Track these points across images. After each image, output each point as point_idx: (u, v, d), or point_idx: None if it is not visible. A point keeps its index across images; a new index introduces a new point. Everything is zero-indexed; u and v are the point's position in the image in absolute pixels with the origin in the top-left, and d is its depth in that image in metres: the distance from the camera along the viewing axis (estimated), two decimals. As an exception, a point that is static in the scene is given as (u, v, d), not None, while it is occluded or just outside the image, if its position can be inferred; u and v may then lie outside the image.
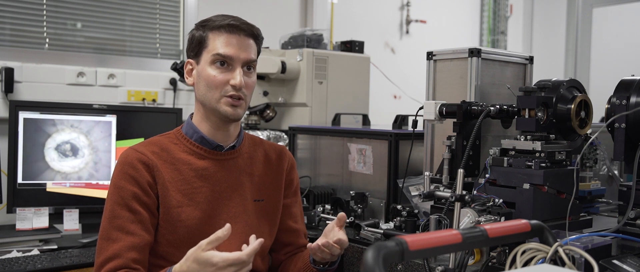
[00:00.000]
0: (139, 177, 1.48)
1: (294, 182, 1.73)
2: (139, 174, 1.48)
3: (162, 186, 1.49)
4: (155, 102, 2.86)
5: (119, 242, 1.44)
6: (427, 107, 1.66)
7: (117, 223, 1.46)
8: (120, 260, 1.43)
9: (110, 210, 1.47)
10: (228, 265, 1.27)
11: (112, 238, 1.45)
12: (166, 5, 3.09)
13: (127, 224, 1.46)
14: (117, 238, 1.45)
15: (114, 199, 1.48)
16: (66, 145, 2.33)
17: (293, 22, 3.57)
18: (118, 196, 1.48)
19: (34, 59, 2.66)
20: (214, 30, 1.51)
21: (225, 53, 1.49)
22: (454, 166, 1.59)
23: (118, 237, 1.45)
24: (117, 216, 1.46)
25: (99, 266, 1.45)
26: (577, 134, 1.58)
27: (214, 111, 1.52)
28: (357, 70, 2.90)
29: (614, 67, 4.56)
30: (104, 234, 1.47)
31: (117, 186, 1.49)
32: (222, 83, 1.49)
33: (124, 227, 1.45)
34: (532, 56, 1.90)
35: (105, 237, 1.46)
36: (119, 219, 1.46)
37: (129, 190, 1.47)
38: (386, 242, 0.83)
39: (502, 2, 5.01)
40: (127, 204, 1.46)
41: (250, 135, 1.71)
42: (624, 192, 1.53)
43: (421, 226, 1.52)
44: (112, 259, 1.43)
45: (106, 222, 1.48)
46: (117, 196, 1.48)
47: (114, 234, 1.45)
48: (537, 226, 1.06)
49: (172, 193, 1.49)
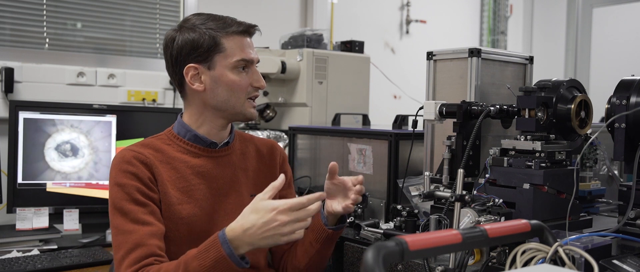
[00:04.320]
0: (140, 173, 1.45)
1: (288, 175, 1.73)
2: (139, 170, 1.46)
3: (161, 184, 1.48)
4: (155, 102, 2.86)
5: (137, 233, 1.38)
6: (427, 107, 1.66)
7: (130, 217, 1.41)
8: (145, 248, 1.37)
9: (119, 208, 1.42)
10: (288, 208, 1.26)
11: (129, 230, 1.39)
12: (166, 5, 3.09)
13: (140, 215, 1.41)
14: (134, 230, 1.39)
15: (119, 197, 1.43)
16: (66, 145, 2.33)
17: (293, 22, 3.57)
18: (122, 193, 1.43)
19: (34, 59, 2.66)
20: (230, 34, 1.50)
21: (247, 57, 1.52)
22: (454, 166, 1.59)
23: (134, 229, 1.39)
24: (128, 211, 1.41)
25: (120, 259, 1.38)
26: (577, 134, 1.58)
27: (237, 114, 1.54)
28: (357, 70, 2.90)
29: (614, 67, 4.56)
30: (119, 229, 1.41)
31: (119, 184, 1.44)
32: (246, 86, 1.53)
33: (139, 219, 1.40)
34: (532, 56, 1.90)
35: (121, 231, 1.40)
36: (131, 214, 1.41)
37: (132, 185, 1.44)
38: (386, 242, 0.83)
39: (502, 2, 5.01)
40: (135, 199, 1.43)
41: (239, 131, 1.71)
42: (624, 192, 1.53)
43: (421, 226, 1.52)
44: (135, 248, 1.37)
45: (118, 219, 1.42)
46: (122, 193, 1.43)
47: (129, 226, 1.39)
48: (537, 226, 1.06)
49: (171, 191, 1.49)
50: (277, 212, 1.26)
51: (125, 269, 1.36)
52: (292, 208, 1.27)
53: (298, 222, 1.28)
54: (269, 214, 1.26)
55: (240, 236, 1.28)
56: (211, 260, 1.29)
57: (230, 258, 1.28)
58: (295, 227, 1.28)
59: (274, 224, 1.26)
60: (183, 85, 1.54)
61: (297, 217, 1.27)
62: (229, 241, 1.29)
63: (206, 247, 1.31)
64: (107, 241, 2.30)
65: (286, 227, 1.27)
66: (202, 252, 1.31)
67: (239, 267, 1.30)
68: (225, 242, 1.29)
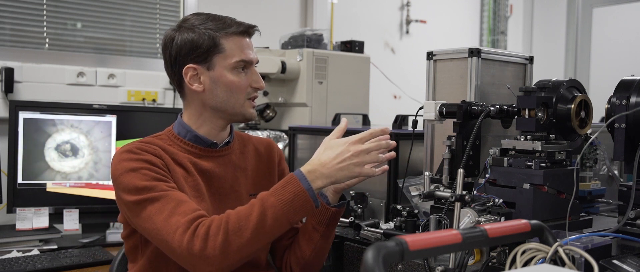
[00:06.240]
0: (153, 159, 1.41)
1: (286, 173, 1.72)
2: (150, 157, 1.41)
3: (173, 173, 1.44)
4: (155, 102, 2.86)
5: (174, 193, 1.34)
6: (427, 107, 1.66)
7: (158, 189, 1.34)
8: (190, 203, 1.34)
9: (141, 188, 1.34)
10: (359, 139, 1.37)
11: (163, 196, 1.33)
12: (166, 5, 3.09)
13: (166, 187, 1.36)
14: (167, 194, 1.34)
15: (137, 178, 1.35)
16: (66, 145, 2.33)
17: (293, 22, 3.57)
18: (140, 175, 1.36)
19: (34, 59, 2.66)
20: (229, 35, 1.49)
21: (247, 58, 1.51)
22: (454, 166, 1.59)
23: (169, 193, 1.34)
24: (152, 186, 1.35)
25: (165, 220, 1.30)
26: (577, 134, 1.58)
27: (237, 115, 1.54)
28: (357, 70, 2.90)
29: (614, 67, 4.56)
30: (148, 200, 1.33)
31: (132, 169, 1.37)
32: (245, 87, 1.52)
33: (168, 188, 1.36)
34: (532, 56, 1.90)
35: (151, 199, 1.33)
36: (157, 187, 1.35)
37: (147, 167, 1.38)
38: (386, 242, 0.83)
39: (502, 2, 5.01)
40: (154, 177, 1.37)
41: (236, 131, 1.71)
42: (624, 192, 1.53)
43: (421, 226, 1.52)
44: (180, 204, 1.32)
45: (142, 196, 1.34)
46: (139, 175, 1.36)
47: (160, 193, 1.33)
48: (537, 226, 1.06)
49: (184, 185, 1.45)
50: (349, 144, 1.37)
51: (176, 225, 1.29)
52: (362, 139, 1.37)
53: (368, 155, 1.37)
54: (342, 146, 1.37)
55: (318, 168, 1.36)
56: (290, 194, 1.33)
57: (309, 192, 1.34)
58: (366, 159, 1.37)
59: (348, 154, 1.36)
60: (182, 85, 1.54)
61: (368, 147, 1.37)
62: (306, 176, 1.35)
63: (283, 184, 1.35)
64: (107, 241, 2.31)
65: (359, 157, 1.36)
66: (278, 189, 1.34)
67: (314, 205, 1.36)
68: (303, 178, 1.35)
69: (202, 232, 1.29)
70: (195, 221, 1.31)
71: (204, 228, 1.29)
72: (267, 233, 1.33)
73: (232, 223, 1.30)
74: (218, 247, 1.28)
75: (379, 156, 1.39)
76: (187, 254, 1.29)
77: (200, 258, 1.28)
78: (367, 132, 1.39)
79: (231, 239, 1.29)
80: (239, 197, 1.59)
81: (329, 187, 1.52)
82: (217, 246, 1.28)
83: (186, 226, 1.30)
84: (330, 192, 1.55)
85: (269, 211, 1.31)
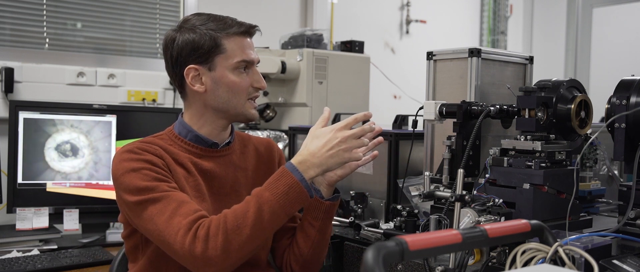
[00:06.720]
0: (153, 159, 1.41)
1: None
2: (151, 157, 1.41)
3: (174, 173, 1.45)
4: (155, 102, 2.86)
5: (175, 194, 1.34)
6: (427, 107, 1.66)
7: (159, 189, 1.35)
8: (191, 204, 1.34)
9: (142, 188, 1.34)
10: (344, 125, 1.40)
11: (164, 196, 1.33)
12: (166, 5, 3.09)
13: (167, 187, 1.36)
14: (169, 194, 1.34)
15: (138, 178, 1.36)
16: (66, 145, 2.33)
17: (293, 22, 3.57)
18: (141, 175, 1.36)
19: (34, 59, 2.66)
20: (230, 35, 1.49)
21: (248, 58, 1.51)
22: (454, 166, 1.59)
23: (170, 193, 1.34)
24: (153, 187, 1.35)
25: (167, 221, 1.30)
26: (577, 134, 1.58)
27: (238, 115, 1.54)
28: (357, 70, 2.90)
29: (614, 67, 4.56)
30: (150, 200, 1.33)
31: (133, 169, 1.37)
32: (247, 87, 1.52)
33: (169, 188, 1.36)
34: (532, 56, 1.90)
35: (153, 200, 1.33)
36: (158, 188, 1.35)
37: (148, 167, 1.39)
38: (386, 242, 0.83)
39: (502, 2, 5.02)
40: (155, 177, 1.37)
41: (237, 131, 1.71)
42: (624, 192, 1.53)
43: (421, 226, 1.52)
44: (181, 205, 1.32)
45: (143, 196, 1.34)
46: (140, 175, 1.36)
47: (162, 194, 1.34)
48: (537, 226, 1.05)
49: (185, 185, 1.45)
50: (335, 131, 1.39)
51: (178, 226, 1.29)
52: (348, 125, 1.40)
53: (356, 140, 1.39)
54: (329, 134, 1.39)
55: (309, 158, 1.37)
56: (284, 186, 1.34)
57: (302, 183, 1.35)
58: (354, 144, 1.39)
59: (336, 140, 1.38)
60: (183, 86, 1.53)
61: (355, 132, 1.39)
62: (297, 167, 1.36)
63: (276, 178, 1.36)
64: (107, 241, 2.31)
65: (347, 143, 1.38)
66: (272, 183, 1.35)
67: (309, 195, 1.37)
68: (295, 170, 1.36)
69: (202, 234, 1.29)
70: (196, 222, 1.31)
71: (204, 230, 1.30)
72: (266, 228, 1.34)
73: (230, 222, 1.31)
74: (219, 248, 1.28)
75: (365, 140, 1.41)
76: (189, 256, 1.30)
77: (203, 260, 1.29)
78: (351, 118, 1.41)
79: (231, 238, 1.30)
80: (240, 197, 1.58)
81: (322, 181, 1.53)
82: (218, 247, 1.28)
83: (188, 228, 1.30)
84: (324, 186, 1.54)
85: (265, 206, 1.32)
